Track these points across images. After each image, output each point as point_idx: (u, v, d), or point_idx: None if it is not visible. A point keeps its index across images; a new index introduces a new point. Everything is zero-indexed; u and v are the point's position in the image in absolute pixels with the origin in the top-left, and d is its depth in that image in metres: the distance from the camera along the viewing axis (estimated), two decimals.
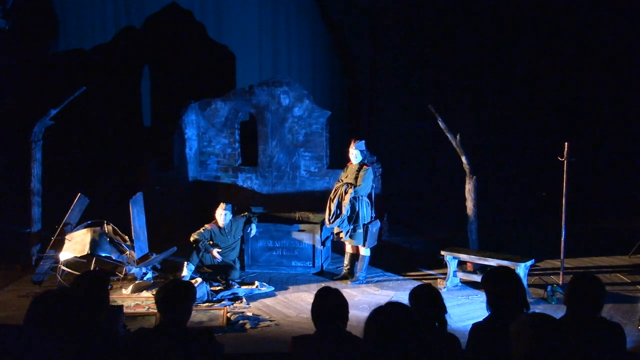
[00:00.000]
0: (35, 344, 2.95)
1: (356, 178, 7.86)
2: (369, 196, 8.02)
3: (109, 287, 4.03)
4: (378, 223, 8.13)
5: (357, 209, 7.85)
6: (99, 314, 3.64)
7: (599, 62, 13.24)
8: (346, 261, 8.28)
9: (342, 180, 8.04)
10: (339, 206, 7.84)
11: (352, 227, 7.88)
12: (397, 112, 14.35)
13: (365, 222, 7.90)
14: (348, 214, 7.84)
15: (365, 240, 7.89)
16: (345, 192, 7.83)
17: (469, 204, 8.53)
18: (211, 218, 8.27)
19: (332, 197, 7.96)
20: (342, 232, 7.96)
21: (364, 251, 8.00)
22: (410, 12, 14.15)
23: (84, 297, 3.64)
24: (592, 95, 13.30)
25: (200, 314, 6.71)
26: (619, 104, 13.23)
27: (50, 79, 12.65)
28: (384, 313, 2.83)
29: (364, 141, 8.13)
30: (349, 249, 8.22)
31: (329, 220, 7.92)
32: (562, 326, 2.78)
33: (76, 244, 7.74)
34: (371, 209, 8.03)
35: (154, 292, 4.27)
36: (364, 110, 15.08)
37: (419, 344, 2.74)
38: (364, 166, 7.98)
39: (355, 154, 7.98)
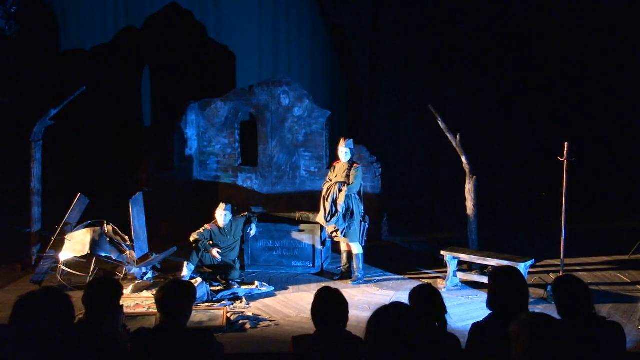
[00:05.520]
0: (20, 344, 2.86)
1: (348, 176, 7.92)
2: (359, 193, 8.07)
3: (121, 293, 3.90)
4: (368, 220, 8.18)
5: (351, 207, 7.90)
6: (104, 320, 3.55)
7: (599, 62, 13.24)
8: (344, 260, 8.30)
9: (331, 180, 8.07)
10: (335, 204, 7.87)
11: (347, 224, 7.90)
12: (397, 112, 14.36)
13: (360, 219, 7.96)
14: (343, 212, 7.87)
15: (361, 236, 7.95)
16: (340, 191, 7.87)
17: (469, 204, 8.53)
18: (211, 218, 8.27)
19: (326, 197, 7.99)
20: (337, 230, 7.96)
21: (357, 249, 8.02)
22: (410, 12, 14.16)
23: (97, 304, 3.53)
24: (592, 95, 13.30)
25: (200, 314, 6.70)
26: (619, 104, 13.24)
27: (50, 79, 12.66)
28: (387, 313, 2.82)
29: (352, 140, 8.27)
30: (343, 247, 8.26)
31: (326, 219, 7.94)
32: (562, 326, 2.77)
33: (76, 244, 7.74)
34: (361, 206, 8.08)
35: (154, 292, 4.27)
36: (364, 110, 15.10)
37: (420, 345, 2.73)
38: (355, 164, 8.05)
39: (345, 152, 8.06)
